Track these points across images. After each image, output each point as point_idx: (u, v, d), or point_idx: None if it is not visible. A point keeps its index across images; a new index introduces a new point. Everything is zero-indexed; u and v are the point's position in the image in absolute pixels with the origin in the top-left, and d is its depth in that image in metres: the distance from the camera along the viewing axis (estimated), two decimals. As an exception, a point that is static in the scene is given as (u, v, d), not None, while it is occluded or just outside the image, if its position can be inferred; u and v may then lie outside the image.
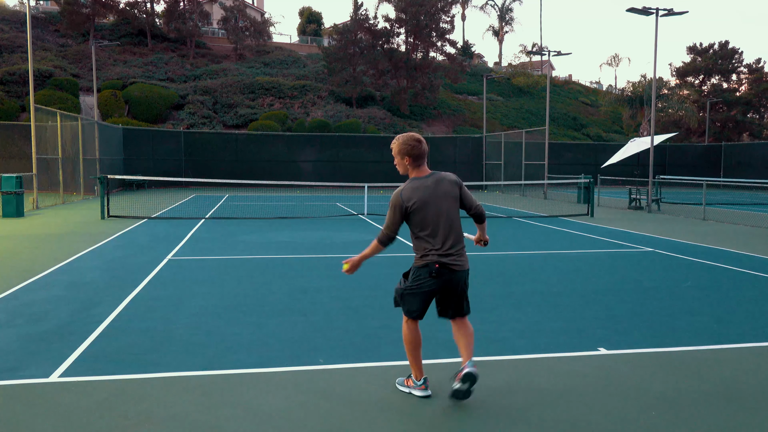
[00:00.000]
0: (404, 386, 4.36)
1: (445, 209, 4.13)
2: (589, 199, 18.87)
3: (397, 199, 4.12)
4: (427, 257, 4.12)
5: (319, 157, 35.06)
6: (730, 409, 4.09)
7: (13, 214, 16.15)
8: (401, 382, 4.40)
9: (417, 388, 4.28)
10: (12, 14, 47.96)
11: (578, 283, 8.28)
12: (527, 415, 3.98)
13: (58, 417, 3.87)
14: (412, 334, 4.26)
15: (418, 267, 4.17)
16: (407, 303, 4.23)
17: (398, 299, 4.32)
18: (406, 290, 4.22)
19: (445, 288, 4.16)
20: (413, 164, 4.18)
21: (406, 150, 4.15)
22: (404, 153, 4.16)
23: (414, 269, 4.21)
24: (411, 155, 4.15)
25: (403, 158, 4.18)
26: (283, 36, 77.77)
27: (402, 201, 4.10)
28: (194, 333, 5.71)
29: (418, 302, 4.19)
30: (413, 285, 4.19)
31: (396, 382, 4.45)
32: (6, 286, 7.70)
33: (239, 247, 11.35)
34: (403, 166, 4.22)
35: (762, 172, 35.76)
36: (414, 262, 4.22)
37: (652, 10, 19.89)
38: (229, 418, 3.88)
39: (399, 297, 4.30)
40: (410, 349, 4.28)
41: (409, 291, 4.20)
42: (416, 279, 4.18)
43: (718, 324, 6.23)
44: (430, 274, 4.10)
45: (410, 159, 4.16)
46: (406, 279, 4.26)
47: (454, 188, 4.21)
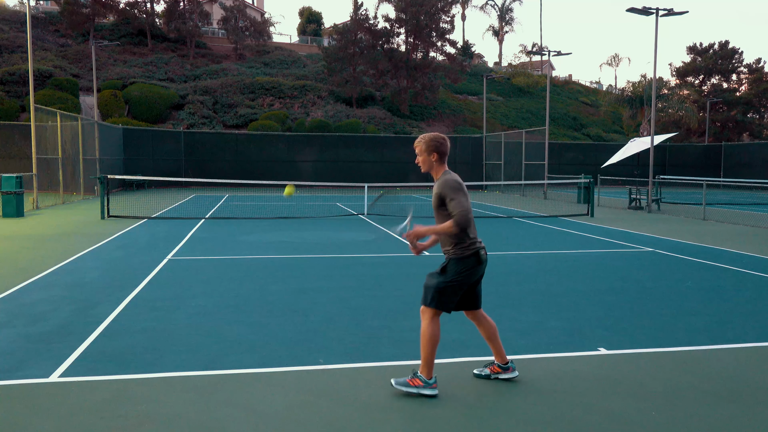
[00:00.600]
0: (410, 387, 4.25)
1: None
2: (589, 199, 18.87)
3: (460, 183, 4.18)
4: (473, 246, 4.22)
5: (319, 157, 35.06)
6: (730, 409, 4.09)
7: (13, 214, 16.15)
8: (404, 383, 4.27)
9: (428, 387, 4.23)
10: (12, 14, 47.96)
11: (578, 283, 8.28)
12: (527, 415, 3.98)
13: (58, 417, 3.87)
14: (438, 330, 4.27)
15: (464, 257, 4.21)
16: (447, 296, 4.23)
17: (435, 295, 4.24)
18: (450, 283, 4.22)
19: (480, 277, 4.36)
20: (440, 161, 4.30)
21: (435, 146, 4.27)
22: (433, 149, 4.27)
23: (457, 261, 4.21)
24: (439, 152, 4.28)
25: (431, 155, 4.27)
26: (283, 36, 77.86)
27: (463, 186, 4.19)
28: (194, 333, 5.71)
29: (458, 294, 4.28)
30: (458, 277, 4.22)
31: (394, 383, 4.29)
32: (6, 286, 7.70)
33: (239, 247, 11.35)
34: (429, 163, 4.29)
35: (762, 172, 35.75)
36: (452, 255, 4.23)
37: (652, 10, 19.89)
38: (229, 418, 3.88)
39: (437, 292, 4.24)
40: (433, 346, 4.24)
41: (453, 283, 4.22)
42: (463, 270, 4.22)
43: (718, 324, 6.23)
44: (478, 261, 4.23)
45: (438, 155, 4.28)
46: (444, 273, 4.24)
47: None
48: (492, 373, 4.54)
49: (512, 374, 4.54)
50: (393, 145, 36.20)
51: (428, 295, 4.25)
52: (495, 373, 4.53)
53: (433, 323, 4.24)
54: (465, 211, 4.08)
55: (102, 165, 25.94)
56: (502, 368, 4.53)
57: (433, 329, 4.23)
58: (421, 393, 4.22)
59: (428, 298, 4.25)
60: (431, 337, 4.22)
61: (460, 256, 4.21)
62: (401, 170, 35.27)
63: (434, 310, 4.23)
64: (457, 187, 4.16)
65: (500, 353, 4.52)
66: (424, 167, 4.32)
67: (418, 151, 4.31)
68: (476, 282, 4.38)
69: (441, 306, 4.24)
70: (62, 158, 21.45)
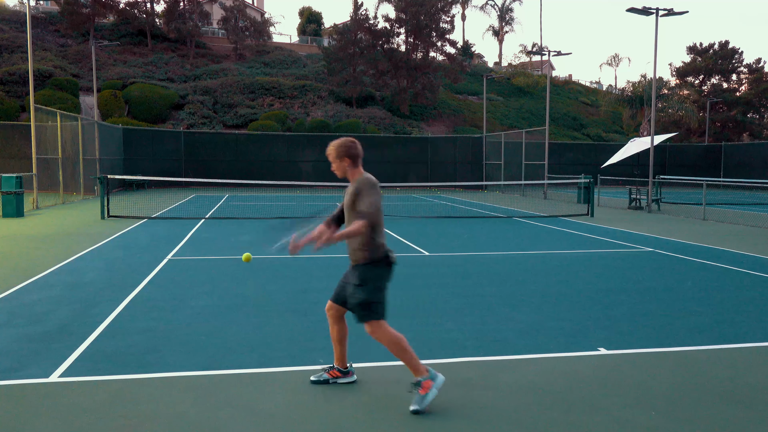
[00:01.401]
0: (427, 396, 3.99)
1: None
2: (589, 199, 18.87)
3: (375, 183, 4.15)
4: (383, 249, 4.19)
5: (319, 157, 34.98)
6: (730, 409, 4.09)
7: (13, 214, 16.15)
8: (421, 399, 3.99)
9: (436, 377, 4.07)
10: (12, 14, 47.95)
11: (578, 283, 8.28)
12: (527, 415, 3.98)
13: (58, 417, 3.87)
14: (395, 332, 4.18)
15: (377, 260, 4.16)
16: (379, 304, 4.15)
17: (368, 308, 4.11)
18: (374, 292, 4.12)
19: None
20: (353, 164, 4.28)
21: (345, 151, 4.26)
22: (343, 154, 4.25)
23: (372, 267, 4.15)
24: (350, 155, 4.27)
25: (342, 160, 4.26)
26: (283, 36, 77.77)
27: (377, 186, 4.15)
28: (194, 333, 5.71)
29: (385, 297, 4.23)
30: (378, 283, 4.16)
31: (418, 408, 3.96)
32: (6, 286, 7.70)
33: (239, 247, 11.34)
34: (342, 168, 4.28)
35: (762, 172, 35.75)
36: (364, 261, 4.15)
37: (652, 10, 19.89)
38: (229, 418, 3.88)
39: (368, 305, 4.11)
40: (405, 349, 4.12)
41: (377, 290, 4.14)
42: (381, 275, 4.18)
43: (718, 324, 6.23)
44: (388, 263, 4.20)
45: (350, 160, 4.27)
46: (365, 284, 4.12)
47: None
48: (331, 377, 4.47)
49: (351, 378, 4.50)
50: (393, 145, 36.21)
51: (363, 312, 4.13)
52: (334, 378, 4.47)
53: (387, 332, 4.14)
54: (375, 208, 4.05)
55: (102, 165, 25.94)
56: (343, 372, 4.48)
57: (392, 335, 4.14)
58: (438, 387, 4.06)
59: (364, 315, 4.13)
60: (398, 343, 4.13)
61: (371, 261, 4.14)
62: (401, 170, 35.30)
63: (378, 321, 4.14)
64: (372, 185, 4.15)
65: (344, 358, 4.47)
66: (339, 173, 4.29)
67: (331, 158, 4.28)
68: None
69: (380, 315, 4.15)
70: (62, 158, 21.45)
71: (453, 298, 7.28)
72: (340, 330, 4.42)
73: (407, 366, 4.14)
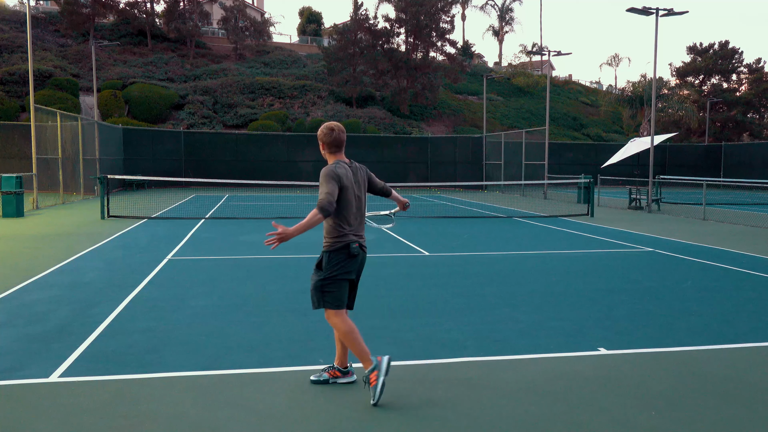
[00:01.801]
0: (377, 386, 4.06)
1: (361, 195, 4.36)
2: (589, 199, 18.86)
3: (333, 172, 4.17)
4: (345, 238, 4.21)
5: (319, 157, 34.87)
6: (730, 409, 4.09)
7: (13, 214, 16.15)
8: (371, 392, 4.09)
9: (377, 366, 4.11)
10: (12, 14, 47.93)
11: (578, 283, 8.28)
12: (528, 415, 3.98)
13: (58, 417, 3.87)
14: (350, 322, 4.24)
15: (335, 249, 4.20)
16: (333, 293, 4.19)
17: (319, 295, 4.19)
18: (327, 279, 4.18)
19: (357, 271, 4.35)
20: (329, 151, 4.35)
21: (321, 137, 4.35)
22: (320, 140, 4.35)
23: (329, 254, 4.21)
24: (325, 142, 4.34)
25: (321, 146, 4.37)
26: (283, 36, 77.81)
27: (337, 175, 4.17)
28: (194, 333, 5.71)
29: (344, 287, 4.24)
30: (334, 271, 4.19)
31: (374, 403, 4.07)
32: (6, 286, 7.70)
33: (239, 247, 11.34)
34: (323, 153, 4.41)
35: (762, 172, 35.75)
36: (325, 248, 4.23)
37: (652, 10, 19.89)
38: (229, 418, 3.88)
39: (320, 292, 4.19)
40: (356, 338, 4.18)
41: (331, 278, 4.19)
42: (336, 263, 4.20)
43: (718, 324, 6.23)
44: (349, 254, 4.21)
45: (325, 146, 4.34)
46: (320, 269, 4.22)
47: (365, 176, 4.50)
48: (331, 377, 4.48)
49: (351, 378, 4.51)
50: (393, 145, 36.21)
51: (314, 297, 4.23)
52: (334, 377, 4.48)
53: (340, 318, 4.20)
54: (328, 195, 4.06)
55: (102, 165, 25.94)
56: (342, 372, 4.49)
57: (343, 323, 4.19)
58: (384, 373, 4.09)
59: (315, 300, 4.23)
60: (349, 331, 4.18)
61: (331, 249, 4.20)
62: (401, 170, 35.28)
63: (332, 310, 4.20)
64: (331, 175, 4.16)
65: (345, 358, 4.49)
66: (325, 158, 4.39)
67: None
68: (355, 280, 4.38)
69: (332, 304, 4.19)
70: (62, 158, 21.44)
71: (453, 298, 7.28)
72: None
73: (357, 356, 4.22)
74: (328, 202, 4.05)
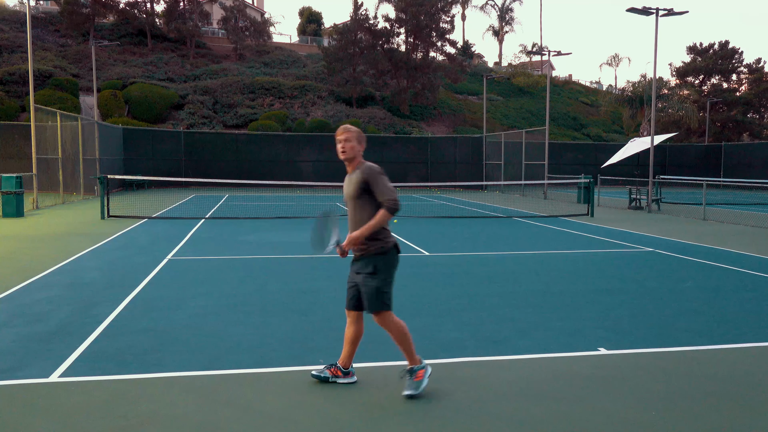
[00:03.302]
0: (420, 385, 4.23)
1: None
2: (589, 199, 18.86)
3: (383, 170, 4.27)
4: (390, 238, 4.30)
5: (319, 157, 35.05)
6: (730, 409, 4.09)
7: (13, 214, 16.15)
8: (415, 385, 4.23)
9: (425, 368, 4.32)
10: (12, 14, 47.93)
11: (578, 283, 8.28)
12: (527, 415, 3.98)
13: (58, 417, 3.87)
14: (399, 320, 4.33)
15: (387, 251, 4.24)
16: (390, 292, 4.27)
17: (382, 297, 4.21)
18: (387, 281, 4.24)
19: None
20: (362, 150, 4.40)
21: (364, 139, 4.40)
22: (364, 140, 4.39)
23: (383, 256, 4.23)
24: (363, 142, 4.41)
25: (360, 144, 4.34)
26: (283, 36, 77.79)
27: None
28: (194, 333, 5.71)
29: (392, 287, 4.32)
30: (392, 272, 4.28)
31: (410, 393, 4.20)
32: (6, 286, 7.70)
33: (239, 247, 11.34)
34: (356, 151, 4.32)
35: (762, 172, 35.73)
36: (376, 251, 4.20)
37: (652, 10, 19.89)
38: (230, 418, 3.88)
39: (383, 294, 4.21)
40: (407, 338, 4.31)
41: (390, 280, 4.26)
42: (392, 263, 4.28)
43: (718, 324, 6.23)
44: (397, 252, 4.32)
45: (362, 145, 4.38)
46: (378, 273, 4.20)
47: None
48: (332, 375, 4.49)
49: (351, 379, 4.51)
50: (393, 145, 36.21)
51: (375, 302, 4.22)
52: (335, 376, 4.49)
53: (397, 321, 4.31)
54: (395, 195, 4.16)
55: (102, 165, 25.94)
56: (344, 372, 4.50)
57: (400, 325, 4.31)
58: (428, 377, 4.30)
59: (378, 303, 4.23)
60: (403, 332, 4.30)
61: (384, 251, 4.23)
62: (401, 170, 35.26)
63: (387, 311, 4.27)
64: (384, 173, 4.24)
65: (350, 359, 4.50)
66: (346, 154, 4.30)
67: (348, 136, 4.29)
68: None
69: (389, 305, 4.28)
70: (62, 158, 21.44)
71: (453, 298, 7.28)
72: (357, 331, 4.47)
73: (405, 353, 4.31)
74: (397, 202, 4.16)
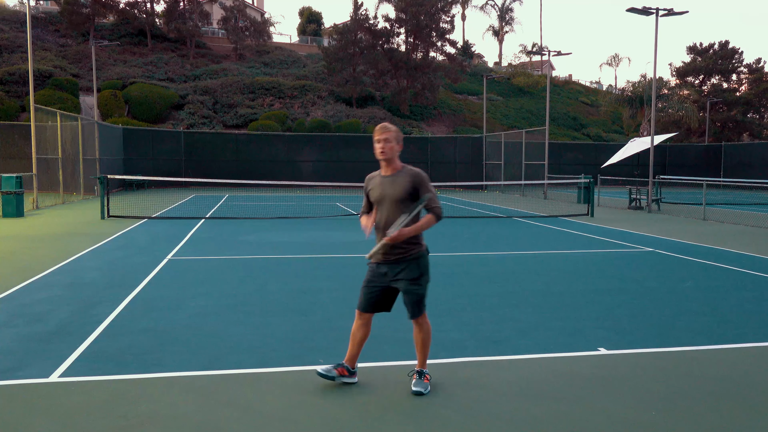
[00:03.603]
0: (428, 387, 4.34)
1: None
2: (589, 199, 18.86)
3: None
4: (423, 240, 4.41)
5: (319, 157, 35.05)
6: (730, 409, 4.09)
7: (13, 214, 16.15)
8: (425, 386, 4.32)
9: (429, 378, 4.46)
10: (12, 14, 47.94)
11: (578, 283, 8.28)
12: (527, 415, 3.98)
13: (58, 417, 3.87)
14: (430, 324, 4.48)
15: (423, 254, 4.34)
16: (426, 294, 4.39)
17: (423, 301, 4.36)
18: (427, 284, 4.37)
19: None
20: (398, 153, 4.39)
21: (402, 138, 4.42)
22: (401, 140, 4.39)
23: (420, 259, 4.31)
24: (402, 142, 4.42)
25: (399, 145, 4.34)
26: (283, 36, 77.81)
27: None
28: (194, 333, 5.71)
29: None
30: (428, 274, 4.40)
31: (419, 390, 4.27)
32: (6, 286, 7.70)
33: (239, 247, 11.34)
34: (394, 152, 4.31)
35: (762, 172, 35.73)
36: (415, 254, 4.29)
37: (652, 10, 19.89)
38: (230, 419, 3.88)
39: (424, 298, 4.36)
40: (429, 342, 4.43)
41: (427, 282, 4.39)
42: (427, 266, 4.38)
43: (718, 324, 6.23)
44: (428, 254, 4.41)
45: (401, 146, 4.38)
46: (421, 278, 4.30)
47: None
48: (339, 374, 4.47)
49: (354, 379, 4.51)
50: (393, 145, 36.15)
51: (419, 305, 4.32)
52: (341, 375, 4.47)
53: (429, 323, 4.44)
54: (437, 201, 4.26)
55: (102, 165, 25.94)
56: (350, 372, 4.50)
57: (430, 327, 4.45)
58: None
59: (420, 308, 4.33)
60: (429, 336, 4.44)
61: (421, 254, 4.32)
62: (401, 170, 35.23)
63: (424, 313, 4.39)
64: (428, 177, 4.35)
65: (356, 360, 4.52)
66: (385, 155, 4.27)
67: (388, 136, 4.26)
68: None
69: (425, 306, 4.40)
70: (62, 158, 21.44)
71: (453, 298, 7.28)
72: (366, 333, 4.51)
73: (422, 356, 4.39)
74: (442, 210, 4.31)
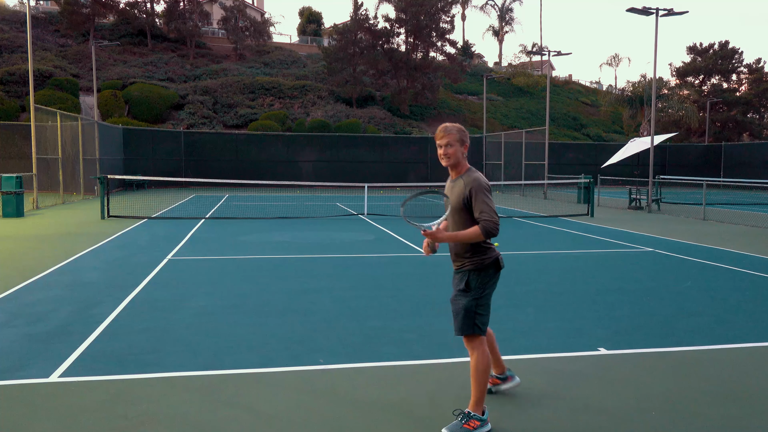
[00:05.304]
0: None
1: None
2: (589, 199, 18.86)
3: (489, 185, 3.72)
4: (492, 252, 3.76)
5: (319, 157, 35.05)
6: (730, 409, 4.09)
7: (13, 214, 16.15)
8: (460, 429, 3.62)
9: (485, 423, 3.70)
10: (12, 14, 47.95)
11: (578, 283, 8.28)
12: (527, 415, 3.98)
13: (58, 417, 3.87)
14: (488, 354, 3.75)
15: (485, 267, 3.71)
16: (485, 315, 3.73)
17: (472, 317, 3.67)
18: (481, 300, 3.71)
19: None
20: (465, 155, 3.81)
21: (467, 137, 3.80)
22: (466, 140, 3.78)
23: (478, 272, 3.72)
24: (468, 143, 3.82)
25: (463, 146, 3.75)
26: (283, 36, 77.83)
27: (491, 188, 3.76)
28: (194, 333, 5.71)
29: (489, 309, 3.80)
30: (487, 290, 3.73)
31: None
32: (6, 286, 7.70)
33: (239, 247, 11.34)
34: (458, 155, 3.73)
35: (762, 172, 35.74)
36: (472, 266, 3.72)
37: (652, 10, 19.89)
38: (230, 418, 3.88)
39: (474, 314, 3.67)
40: (486, 379, 3.72)
41: (485, 299, 3.73)
42: (487, 281, 3.73)
43: (718, 324, 6.23)
44: (497, 268, 3.77)
45: (467, 146, 3.80)
46: (470, 290, 3.71)
47: None
48: (491, 385, 4.25)
49: (513, 383, 4.25)
50: (393, 145, 36.22)
51: (466, 321, 3.68)
52: (494, 386, 4.25)
53: (485, 352, 3.70)
54: (496, 218, 3.60)
55: (102, 165, 25.94)
56: (501, 379, 4.26)
57: (486, 359, 3.69)
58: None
59: (466, 325, 3.68)
60: (486, 370, 3.69)
61: (481, 266, 3.71)
62: (401, 170, 35.28)
63: (478, 336, 3.70)
64: (488, 187, 3.67)
65: (498, 363, 4.23)
66: (449, 159, 3.71)
67: (449, 139, 3.69)
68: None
69: (482, 329, 3.71)
70: (62, 158, 21.45)
71: (453, 298, 7.27)
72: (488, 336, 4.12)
73: (474, 392, 3.71)
74: (497, 226, 3.59)
